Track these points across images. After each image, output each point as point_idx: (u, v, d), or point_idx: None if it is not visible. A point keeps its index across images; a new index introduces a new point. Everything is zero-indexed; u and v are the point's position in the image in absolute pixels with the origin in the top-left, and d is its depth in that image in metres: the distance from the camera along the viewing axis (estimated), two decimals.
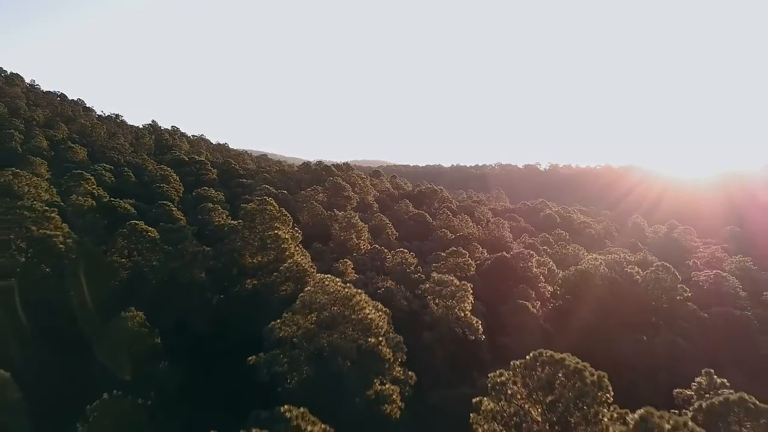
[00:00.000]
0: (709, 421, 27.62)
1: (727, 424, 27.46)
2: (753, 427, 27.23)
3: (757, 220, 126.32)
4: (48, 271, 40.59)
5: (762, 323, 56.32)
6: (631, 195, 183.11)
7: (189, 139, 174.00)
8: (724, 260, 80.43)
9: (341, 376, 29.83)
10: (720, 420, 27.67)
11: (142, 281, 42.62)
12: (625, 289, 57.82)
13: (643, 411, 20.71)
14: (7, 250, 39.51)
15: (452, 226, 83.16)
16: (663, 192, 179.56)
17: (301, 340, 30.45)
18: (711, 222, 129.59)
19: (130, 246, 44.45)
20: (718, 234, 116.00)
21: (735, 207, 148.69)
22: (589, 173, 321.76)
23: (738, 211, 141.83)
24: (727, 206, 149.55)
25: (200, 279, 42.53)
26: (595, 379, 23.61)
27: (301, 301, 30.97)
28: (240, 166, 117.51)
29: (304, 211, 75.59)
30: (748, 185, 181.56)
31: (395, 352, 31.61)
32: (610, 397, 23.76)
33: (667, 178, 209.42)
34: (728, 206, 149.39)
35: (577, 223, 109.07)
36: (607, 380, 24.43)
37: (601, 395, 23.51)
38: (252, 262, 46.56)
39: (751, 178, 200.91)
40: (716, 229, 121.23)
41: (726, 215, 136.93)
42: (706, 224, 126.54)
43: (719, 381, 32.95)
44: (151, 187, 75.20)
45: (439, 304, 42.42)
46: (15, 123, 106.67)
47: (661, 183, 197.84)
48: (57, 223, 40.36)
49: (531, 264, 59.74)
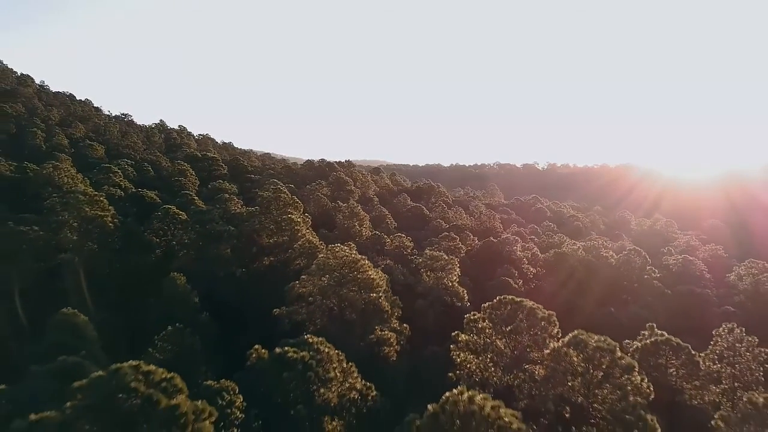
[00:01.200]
0: (642, 357, 34.90)
1: (655, 357, 34.82)
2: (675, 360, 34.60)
3: (757, 221, 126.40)
4: (96, 248, 48.14)
5: (720, 300, 63.68)
6: (629, 196, 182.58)
7: (195, 138, 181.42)
8: (698, 248, 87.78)
9: (349, 324, 37.20)
10: (650, 355, 35.01)
11: (175, 256, 50.04)
12: (600, 269, 65.15)
13: (576, 332, 28.05)
14: (63, 228, 46.80)
15: (447, 217, 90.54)
16: (662, 193, 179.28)
17: (316, 296, 37.83)
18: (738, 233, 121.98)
19: (164, 227, 51.90)
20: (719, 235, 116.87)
21: (735, 207, 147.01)
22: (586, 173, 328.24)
23: (738, 212, 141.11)
24: (728, 207, 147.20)
25: (226, 254, 49.87)
26: (545, 315, 31.08)
27: (316, 265, 38.36)
28: (248, 162, 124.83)
29: (311, 202, 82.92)
30: (748, 185, 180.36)
31: (393, 307, 38.93)
32: (558, 331, 31.14)
33: (666, 178, 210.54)
34: (728, 207, 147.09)
35: (566, 217, 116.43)
36: (556, 318, 31.93)
37: (551, 329, 30.96)
38: (269, 242, 54.03)
39: (751, 179, 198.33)
40: (716, 229, 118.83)
41: (727, 216, 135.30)
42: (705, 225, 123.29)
43: (659, 332, 40.18)
44: (170, 181, 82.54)
45: (430, 276, 49.84)
46: (36, 122, 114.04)
47: (660, 183, 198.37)
48: (104, 205, 47.67)
49: (516, 248, 67.09)
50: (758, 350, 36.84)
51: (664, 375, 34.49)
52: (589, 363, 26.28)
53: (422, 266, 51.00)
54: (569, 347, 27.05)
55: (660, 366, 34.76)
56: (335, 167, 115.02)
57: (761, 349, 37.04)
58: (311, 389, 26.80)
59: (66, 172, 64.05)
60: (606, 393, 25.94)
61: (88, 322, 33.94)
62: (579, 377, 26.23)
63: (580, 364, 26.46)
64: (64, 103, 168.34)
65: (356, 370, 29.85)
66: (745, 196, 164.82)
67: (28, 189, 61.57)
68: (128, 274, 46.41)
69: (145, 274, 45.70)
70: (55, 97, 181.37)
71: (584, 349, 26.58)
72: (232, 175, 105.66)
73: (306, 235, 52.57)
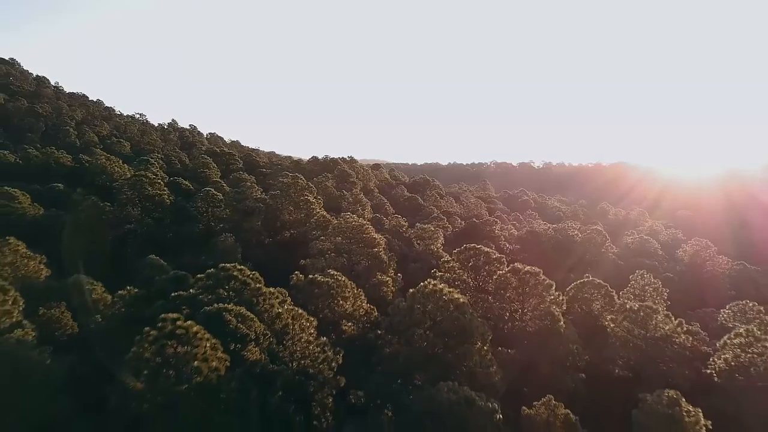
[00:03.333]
0: (574, 294, 47.92)
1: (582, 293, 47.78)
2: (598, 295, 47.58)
3: (757, 220, 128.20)
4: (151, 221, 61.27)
5: (666, 270, 76.74)
6: (627, 195, 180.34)
7: (205, 136, 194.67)
8: (660, 231, 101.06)
9: (357, 272, 50.20)
10: (579, 292, 47.99)
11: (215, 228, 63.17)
12: (565, 245, 78.25)
13: (514, 264, 41.13)
14: (128, 204, 59.90)
15: (439, 205, 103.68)
16: (659, 190, 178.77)
17: (332, 252, 50.92)
18: (708, 223, 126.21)
19: (205, 205, 65.02)
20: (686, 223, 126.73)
21: (735, 208, 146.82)
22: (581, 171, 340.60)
23: (738, 211, 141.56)
24: (728, 207, 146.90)
25: (257, 226, 62.98)
26: (498, 257, 44.18)
27: (332, 227, 51.46)
28: (259, 158, 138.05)
29: (318, 191, 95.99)
30: (748, 185, 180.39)
31: (390, 260, 52.07)
32: (504, 266, 44.09)
33: (664, 176, 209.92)
34: (728, 207, 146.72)
35: (550, 208, 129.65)
36: (505, 259, 44.98)
37: (499, 265, 43.97)
38: (289, 219, 67.13)
39: (751, 178, 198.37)
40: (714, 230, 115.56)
41: (726, 215, 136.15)
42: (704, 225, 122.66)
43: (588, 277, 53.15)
44: (196, 172, 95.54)
45: (420, 244, 62.94)
46: (67, 120, 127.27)
47: (658, 181, 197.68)
48: (161, 186, 60.72)
49: (494, 228, 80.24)
50: (662, 290, 50.24)
51: (589, 305, 47.54)
52: (522, 283, 39.40)
53: (414, 236, 64.15)
54: (508, 273, 40.21)
55: (586, 299, 47.79)
56: (339, 162, 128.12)
57: (665, 289, 50.49)
58: (333, 302, 39.79)
59: (115, 162, 77.17)
60: (532, 301, 39.07)
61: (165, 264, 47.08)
62: (514, 291, 39.31)
63: (516, 284, 39.58)
64: (83, 104, 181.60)
65: (363, 296, 42.85)
66: (744, 196, 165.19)
67: (86, 176, 74.73)
68: (180, 242, 59.56)
69: (194, 241, 58.84)
70: (70, 97, 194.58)
71: (518, 274, 39.73)
72: (247, 169, 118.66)
73: (320, 212, 65.66)
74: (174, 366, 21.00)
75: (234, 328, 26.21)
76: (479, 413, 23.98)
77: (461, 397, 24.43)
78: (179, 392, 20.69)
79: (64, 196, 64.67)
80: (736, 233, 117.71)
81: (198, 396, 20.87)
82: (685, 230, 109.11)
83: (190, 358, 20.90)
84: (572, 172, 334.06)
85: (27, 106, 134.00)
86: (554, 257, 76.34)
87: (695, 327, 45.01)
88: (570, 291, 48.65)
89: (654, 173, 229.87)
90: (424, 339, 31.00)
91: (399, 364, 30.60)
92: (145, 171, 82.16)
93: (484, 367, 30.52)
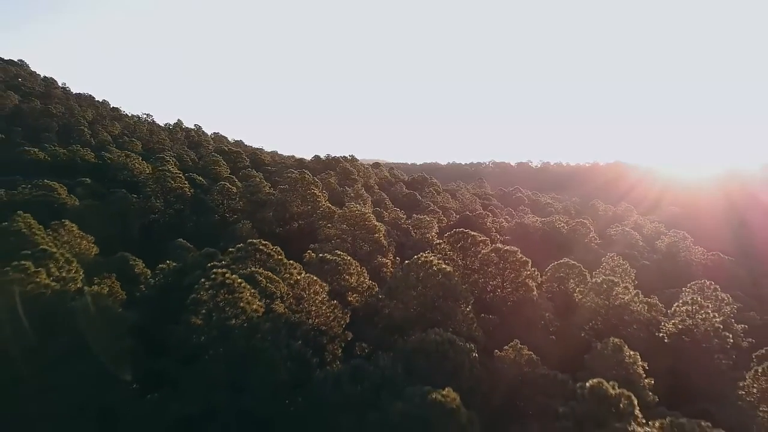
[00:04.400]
0: (551, 274, 54.79)
1: (558, 273, 54.57)
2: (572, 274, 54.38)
3: (756, 219, 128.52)
4: (173, 211, 68.13)
5: (643, 257, 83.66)
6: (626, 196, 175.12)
7: (209, 136, 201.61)
8: (643, 225, 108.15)
9: (360, 255, 57.04)
10: (556, 272, 54.77)
11: (230, 217, 70.06)
12: (551, 236, 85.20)
13: (495, 245, 47.98)
14: (151, 197, 66.74)
15: (436, 201, 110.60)
16: (658, 190, 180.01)
17: (338, 237, 57.78)
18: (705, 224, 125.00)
19: (220, 198, 71.86)
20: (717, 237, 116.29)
21: (735, 208, 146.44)
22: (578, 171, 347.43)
23: (737, 210, 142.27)
24: (728, 208, 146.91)
25: (269, 217, 69.82)
26: (483, 239, 51.03)
27: (338, 216, 58.34)
28: (263, 157, 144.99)
29: (322, 187, 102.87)
30: (747, 184, 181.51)
31: (389, 245, 58.95)
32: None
33: (662, 176, 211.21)
34: (728, 208, 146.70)
35: (542, 204, 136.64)
36: (490, 242, 51.83)
37: (484, 246, 50.77)
38: (297, 210, 73.96)
39: (751, 177, 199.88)
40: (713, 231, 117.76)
41: (725, 215, 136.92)
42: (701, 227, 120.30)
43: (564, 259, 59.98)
44: (207, 169, 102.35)
45: (416, 233, 69.81)
46: (81, 121, 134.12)
47: (657, 181, 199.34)
48: (182, 181, 67.61)
49: (486, 220, 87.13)
50: (630, 270, 57.27)
51: (565, 283, 54.35)
52: (502, 259, 46.24)
53: (411, 226, 71.04)
54: (491, 252, 47.09)
55: (561, 278, 54.63)
56: (341, 161, 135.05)
57: (632, 270, 57.55)
58: (340, 276, 46.59)
59: (135, 159, 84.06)
60: (510, 275, 45.93)
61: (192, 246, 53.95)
62: (495, 266, 46.15)
63: (497, 261, 46.43)
64: (91, 105, 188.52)
65: (366, 273, 49.65)
66: (744, 195, 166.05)
67: (108, 172, 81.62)
68: (199, 230, 66.44)
69: (212, 230, 65.73)
70: (78, 98, 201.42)
71: (499, 252, 46.60)
72: (252, 167, 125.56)
73: (325, 204, 72.52)
74: (224, 307, 27.83)
75: (264, 287, 33.08)
76: (459, 351, 30.80)
77: (445, 338, 31.23)
78: (229, 326, 27.51)
79: (92, 189, 71.52)
80: (736, 232, 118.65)
81: (242, 330, 27.70)
82: (678, 227, 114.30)
83: (236, 301, 27.73)
84: (570, 171, 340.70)
85: (41, 106, 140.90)
86: (540, 247, 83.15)
87: (654, 300, 51.87)
88: (548, 271, 55.59)
89: (651, 173, 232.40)
90: (417, 300, 37.88)
91: (396, 321, 37.45)
92: (164, 167, 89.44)
93: (467, 324, 37.38)
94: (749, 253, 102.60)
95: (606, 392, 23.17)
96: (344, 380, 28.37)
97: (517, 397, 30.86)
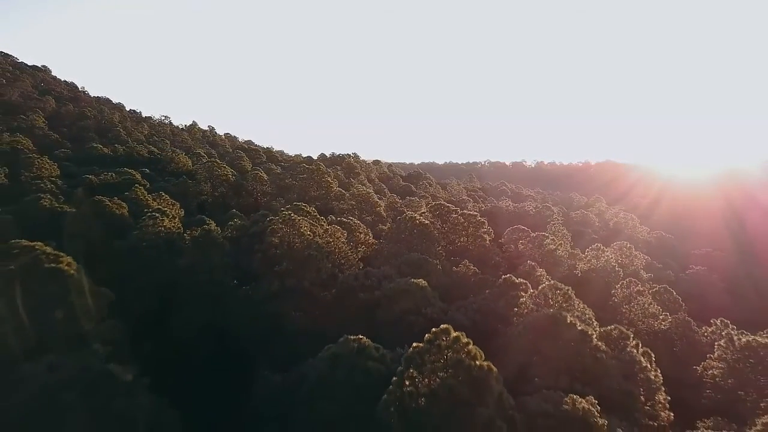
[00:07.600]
0: (505, 239, 76.00)
1: (514, 235, 75.67)
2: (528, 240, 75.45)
3: (755, 219, 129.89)
4: (217, 194, 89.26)
5: (594, 233, 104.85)
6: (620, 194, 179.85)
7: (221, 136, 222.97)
8: (606, 211, 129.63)
9: (365, 224, 78.16)
10: (512, 235, 75.87)
11: (261, 199, 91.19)
12: (519, 216, 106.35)
13: (465, 211, 69.08)
14: (201, 182, 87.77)
15: (428, 192, 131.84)
16: (653, 189, 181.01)
17: (348, 211, 78.95)
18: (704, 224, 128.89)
19: (252, 183, 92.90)
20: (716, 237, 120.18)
21: (733, 207, 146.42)
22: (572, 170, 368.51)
23: (735, 209, 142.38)
24: (725, 206, 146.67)
25: (293, 198, 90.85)
26: (454, 208, 72.23)
27: (350, 194, 79.60)
28: (275, 154, 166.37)
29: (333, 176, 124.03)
30: (746, 183, 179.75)
31: (388, 217, 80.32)
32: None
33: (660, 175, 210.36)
34: (726, 206, 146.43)
35: (523, 196, 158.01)
36: (459, 209, 73.00)
37: (456, 214, 71.88)
38: (314, 194, 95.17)
39: (749, 176, 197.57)
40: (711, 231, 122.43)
41: (723, 214, 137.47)
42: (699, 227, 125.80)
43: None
44: (233, 164, 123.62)
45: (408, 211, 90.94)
46: (114, 120, 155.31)
47: (655, 181, 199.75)
48: (226, 170, 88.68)
49: (468, 205, 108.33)
50: (567, 234, 78.49)
51: (516, 244, 75.33)
52: (466, 219, 67.31)
53: (404, 206, 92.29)
54: (460, 217, 68.23)
55: (515, 239, 75.57)
56: (345, 158, 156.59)
57: (569, 234, 78.77)
58: (352, 234, 67.52)
59: (179, 154, 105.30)
60: (471, 230, 66.99)
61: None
62: (461, 225, 67.17)
63: (463, 221, 67.47)
64: (113, 107, 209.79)
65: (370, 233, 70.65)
66: (742, 194, 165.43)
67: (159, 164, 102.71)
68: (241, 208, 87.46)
69: (251, 209, 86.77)
70: (97, 101, 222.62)
71: (465, 216, 67.74)
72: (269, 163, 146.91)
73: (337, 188, 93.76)
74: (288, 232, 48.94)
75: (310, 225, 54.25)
76: (430, 263, 52.05)
77: (422, 257, 52.48)
78: (293, 243, 48.62)
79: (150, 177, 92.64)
80: (735, 232, 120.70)
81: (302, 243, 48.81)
82: (677, 227, 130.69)
83: (300, 226, 48.84)
84: (564, 170, 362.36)
85: (77, 109, 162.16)
86: (509, 225, 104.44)
87: (576, 251, 73.08)
88: (505, 235, 76.79)
89: (643, 171, 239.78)
90: (405, 242, 59.04)
91: (392, 256, 58.56)
92: (209, 159, 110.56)
93: (439, 257, 58.55)
94: (746, 251, 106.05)
95: (513, 282, 44.40)
96: (360, 277, 49.51)
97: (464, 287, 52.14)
